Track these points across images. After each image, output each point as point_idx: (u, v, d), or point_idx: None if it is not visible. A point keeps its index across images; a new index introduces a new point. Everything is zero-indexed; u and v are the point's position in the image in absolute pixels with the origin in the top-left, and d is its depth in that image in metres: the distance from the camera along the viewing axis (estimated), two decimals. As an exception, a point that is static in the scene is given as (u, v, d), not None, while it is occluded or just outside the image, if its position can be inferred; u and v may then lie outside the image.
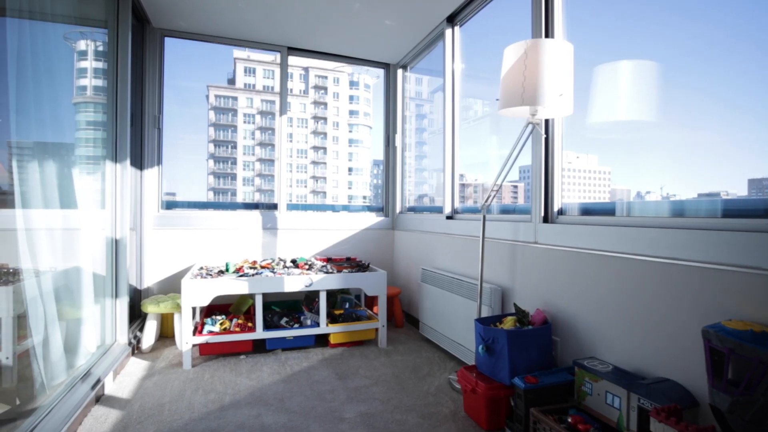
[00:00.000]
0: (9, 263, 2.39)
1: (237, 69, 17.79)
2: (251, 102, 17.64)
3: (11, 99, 1.91)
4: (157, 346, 2.78)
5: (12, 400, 2.04)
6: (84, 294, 2.38)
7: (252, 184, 19.32)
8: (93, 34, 2.69)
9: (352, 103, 22.28)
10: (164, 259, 3.16)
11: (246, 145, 18.49)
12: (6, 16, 1.92)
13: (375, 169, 24.47)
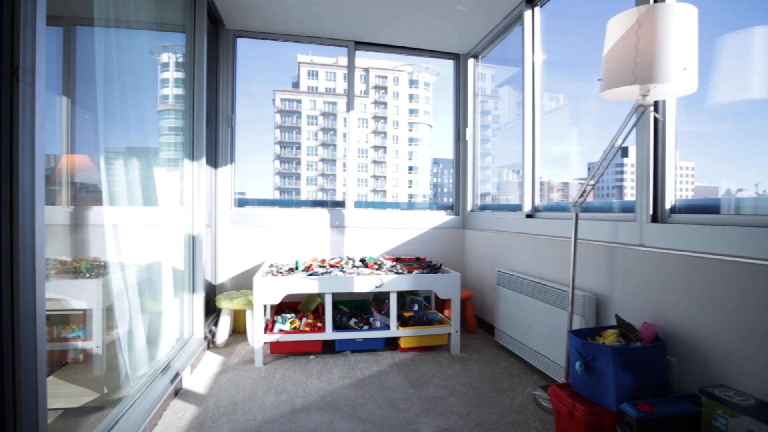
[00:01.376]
0: (99, 257, 2.52)
1: (301, 73, 18.37)
2: (314, 104, 18.15)
3: (99, 105, 1.97)
4: (230, 341, 2.83)
5: (101, 388, 2.13)
6: (164, 288, 2.46)
7: (315, 183, 19.90)
8: (173, 38, 2.78)
9: (412, 102, 22.22)
10: (237, 255, 3.22)
11: (309, 146, 19.10)
12: (94, 26, 1.99)
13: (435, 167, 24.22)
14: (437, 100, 18.93)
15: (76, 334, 2.24)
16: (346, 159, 3.59)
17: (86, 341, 2.18)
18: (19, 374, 0.97)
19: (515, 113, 3.64)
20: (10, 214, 0.95)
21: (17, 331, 0.96)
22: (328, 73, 19.28)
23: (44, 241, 1.01)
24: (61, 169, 2.59)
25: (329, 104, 18.04)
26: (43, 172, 1.02)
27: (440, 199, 5.53)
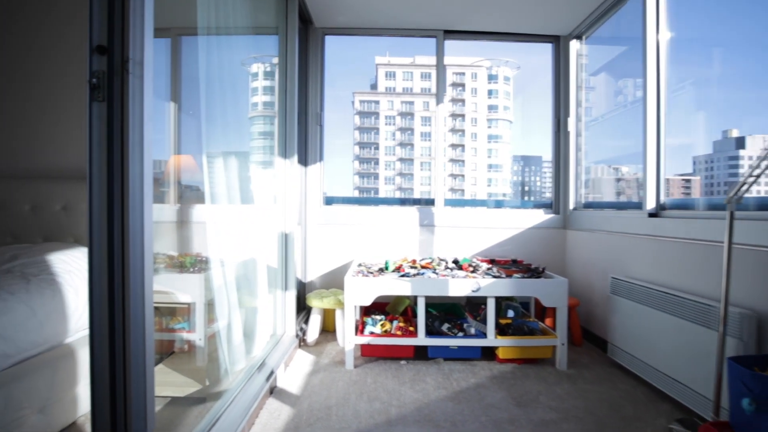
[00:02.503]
0: (201, 252, 2.64)
1: (379, 74, 18.55)
2: (392, 104, 18.23)
3: (202, 111, 2.02)
4: (320, 340, 2.81)
5: (203, 380, 2.21)
6: (259, 284, 2.49)
7: (393, 182, 19.98)
8: (267, 41, 2.84)
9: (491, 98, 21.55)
10: (325, 253, 3.22)
11: (387, 146, 19.25)
12: (197, 35, 2.04)
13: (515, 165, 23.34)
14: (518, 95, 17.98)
15: (181, 326, 2.34)
16: (433, 156, 3.42)
17: (190, 333, 2.26)
18: (129, 362, 0.96)
19: (613, 103, 3.21)
20: (122, 210, 0.92)
21: (128, 321, 0.94)
22: (405, 73, 19.30)
23: (152, 237, 0.98)
24: (169, 170, 2.75)
25: (406, 104, 18.01)
26: (151, 165, 0.99)
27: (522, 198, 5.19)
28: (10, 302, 1.65)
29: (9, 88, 2.77)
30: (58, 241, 2.53)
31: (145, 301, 0.96)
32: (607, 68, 3.29)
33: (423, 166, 15.54)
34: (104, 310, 0.94)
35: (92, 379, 0.98)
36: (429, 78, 18.64)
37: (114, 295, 0.93)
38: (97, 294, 0.94)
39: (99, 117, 0.94)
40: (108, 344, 0.96)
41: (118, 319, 0.95)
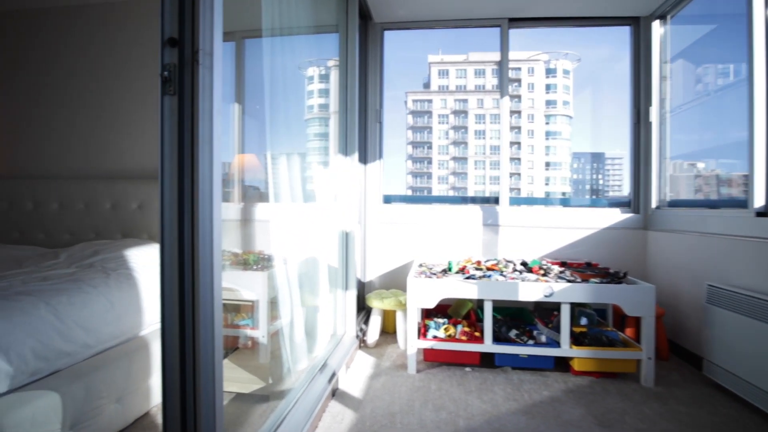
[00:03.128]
0: (263, 250, 2.66)
1: (431, 73, 18.40)
2: (445, 103, 18.04)
3: (266, 114, 2.02)
4: (380, 341, 2.74)
5: (266, 378, 2.22)
6: (320, 283, 2.47)
7: (446, 181, 19.75)
8: (327, 39, 2.83)
9: (549, 93, 20.57)
10: (385, 253, 3.15)
11: (440, 145, 19.09)
12: (263, 36, 2.03)
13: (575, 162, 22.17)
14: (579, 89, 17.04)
15: (245, 322, 2.37)
16: (499, 153, 3.25)
17: (254, 330, 2.28)
18: (199, 356, 0.93)
19: (703, 88, 2.85)
20: (192, 203, 0.89)
21: (197, 317, 0.92)
22: (458, 71, 19.02)
23: (221, 232, 0.94)
24: (233, 169, 2.81)
25: (460, 102, 17.74)
26: (220, 158, 0.95)
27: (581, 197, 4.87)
28: (92, 295, 1.73)
29: (92, 98, 2.97)
30: (134, 237, 2.67)
31: (214, 298, 0.93)
32: (695, 50, 2.94)
33: (477, 165, 15.14)
34: (175, 305, 0.92)
35: (163, 373, 0.97)
36: (483, 75, 18.19)
37: (184, 291, 0.91)
38: (168, 290, 0.92)
39: (170, 110, 0.91)
40: (178, 339, 0.94)
41: (188, 314, 0.92)
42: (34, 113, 3.07)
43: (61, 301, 1.60)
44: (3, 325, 1.37)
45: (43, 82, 3.05)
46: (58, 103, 3.03)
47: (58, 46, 3.02)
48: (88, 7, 2.98)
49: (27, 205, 2.83)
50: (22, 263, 2.19)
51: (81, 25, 2.99)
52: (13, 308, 1.44)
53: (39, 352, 1.45)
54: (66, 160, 3.01)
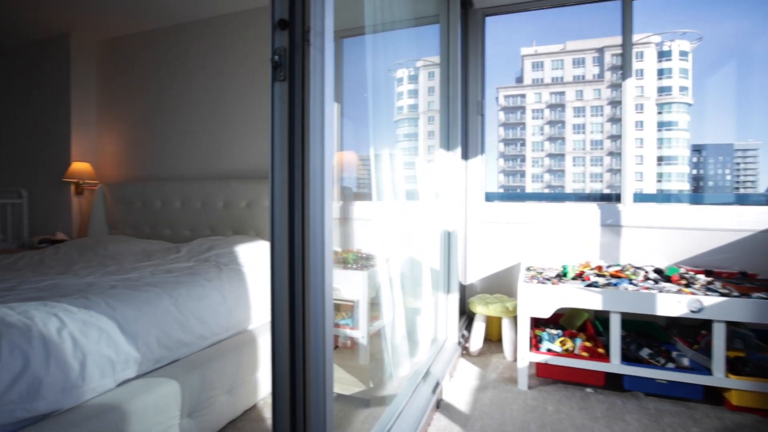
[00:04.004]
0: (361, 249, 2.62)
1: (525, 66, 17.37)
2: (539, 97, 16.91)
3: (369, 110, 1.96)
4: (483, 350, 2.54)
5: (366, 381, 2.16)
6: (421, 284, 2.35)
7: (540, 180, 18.58)
8: (426, 31, 2.73)
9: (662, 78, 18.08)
10: (487, 254, 2.93)
11: (534, 141, 17.97)
12: (365, 34, 1.97)
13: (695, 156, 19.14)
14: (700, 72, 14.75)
15: (345, 322, 2.33)
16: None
17: (353, 330, 2.24)
18: (309, 355, 0.85)
19: None
20: (302, 198, 0.81)
21: (308, 315, 0.85)
22: (554, 62, 17.80)
23: (332, 229, 0.85)
24: (333, 167, 2.82)
25: (556, 95, 16.54)
26: (332, 147, 0.86)
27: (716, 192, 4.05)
28: (207, 289, 1.81)
29: (208, 108, 3.21)
30: (243, 234, 2.81)
31: (325, 296, 0.85)
32: None
33: (576, 162, 13.86)
34: (284, 303, 0.86)
35: (273, 371, 0.92)
36: (582, 64, 16.59)
37: (294, 289, 0.84)
38: (278, 287, 0.86)
39: (280, 97, 0.85)
40: (288, 337, 0.87)
41: (298, 312, 0.86)
42: (159, 122, 3.41)
43: (181, 293, 1.68)
44: (133, 315, 1.46)
45: (167, 94, 3.37)
46: (180, 112, 3.33)
47: (176, 61, 3.32)
48: (201, 22, 3.23)
49: (156, 204, 3.14)
50: (151, 256, 2.40)
51: (198, 40, 3.25)
52: (141, 299, 1.54)
53: (162, 340, 1.53)
54: (187, 164, 3.30)
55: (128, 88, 3.57)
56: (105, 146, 3.68)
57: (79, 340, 1.27)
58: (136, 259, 2.37)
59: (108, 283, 1.70)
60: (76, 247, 2.61)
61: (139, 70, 3.51)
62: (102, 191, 3.37)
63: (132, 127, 3.55)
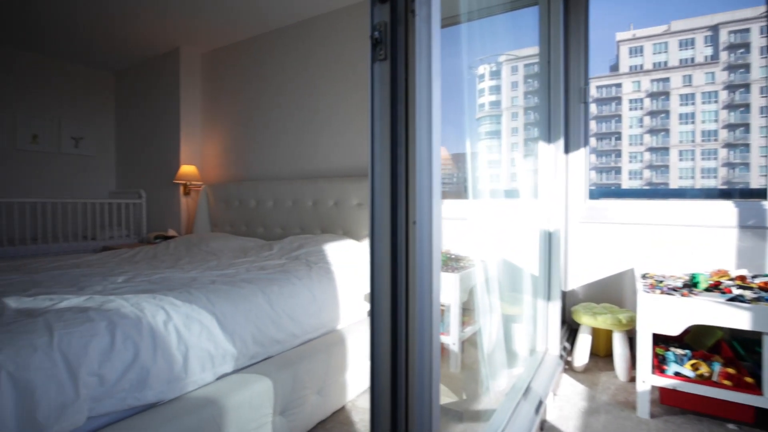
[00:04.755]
0: (449, 249, 2.48)
1: (620, 53, 15.66)
2: (638, 85, 15.12)
3: (465, 104, 1.83)
4: (589, 366, 2.26)
5: (459, 391, 2.01)
6: (518, 289, 2.16)
7: (639, 177, 16.65)
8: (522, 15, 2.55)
9: (805, 56, 15.16)
10: (591, 258, 2.62)
11: (631, 135, 16.09)
12: (460, 23, 1.84)
13: None
14: None
15: (433, 326, 2.21)
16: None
17: (444, 335, 2.11)
18: (414, 364, 0.74)
19: None
20: (407, 191, 0.71)
21: (412, 324, 0.74)
22: (655, 46, 15.92)
23: (441, 228, 0.74)
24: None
25: (658, 82, 14.69)
26: (439, 133, 0.75)
27: None
28: (298, 287, 1.80)
29: (297, 112, 3.29)
30: (331, 233, 2.82)
31: (432, 303, 0.74)
32: None
33: (683, 156, 12.04)
34: (386, 309, 0.76)
35: (372, 378, 0.82)
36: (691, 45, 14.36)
37: (396, 294, 0.74)
38: (379, 291, 0.76)
39: (381, 79, 0.75)
40: (390, 346, 0.77)
41: (401, 319, 0.76)
42: (254, 126, 3.58)
43: (274, 291, 1.70)
44: (230, 310, 1.49)
45: (261, 99, 3.53)
46: (272, 116, 3.46)
47: (269, 67, 3.45)
48: (291, 27, 3.32)
49: (251, 204, 3.30)
50: (247, 253, 2.50)
51: (289, 44, 3.35)
52: (237, 295, 1.57)
53: (257, 337, 1.54)
54: (278, 165, 3.42)
55: (227, 95, 3.81)
56: (208, 150, 3.97)
57: (182, 333, 1.31)
58: (234, 255, 2.48)
59: (209, 278, 1.77)
60: (184, 243, 2.82)
61: (237, 77, 3.73)
62: (205, 192, 3.64)
63: (230, 132, 3.79)
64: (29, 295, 1.42)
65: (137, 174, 4.36)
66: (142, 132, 4.28)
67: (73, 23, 3.33)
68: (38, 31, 3.52)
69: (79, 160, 4.36)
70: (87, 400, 1.06)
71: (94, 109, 4.45)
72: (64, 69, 4.22)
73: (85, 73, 4.38)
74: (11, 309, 1.24)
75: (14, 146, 3.91)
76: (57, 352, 1.04)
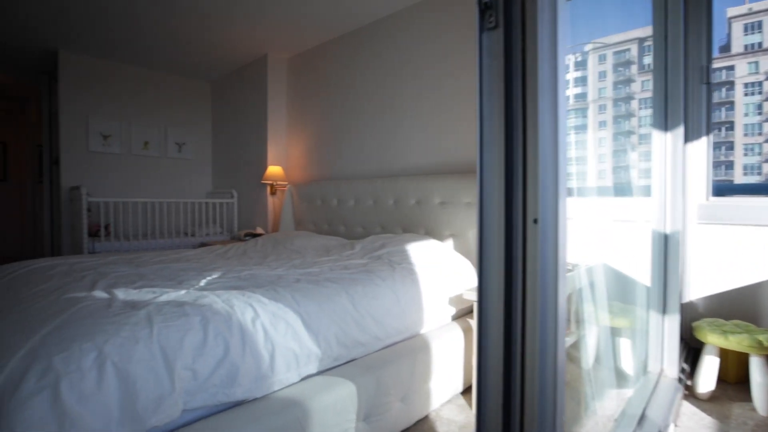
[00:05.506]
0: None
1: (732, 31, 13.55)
2: (755, 67, 12.95)
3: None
4: (716, 393, 1.92)
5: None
6: (627, 299, 1.90)
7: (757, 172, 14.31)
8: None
9: None
10: (714, 265, 2.24)
11: (747, 124, 13.84)
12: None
13: None
14: None
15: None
16: None
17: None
18: (534, 383, 0.62)
19: None
20: (524, 187, 0.59)
21: (529, 338, 0.61)
22: (777, 19, 13.65)
23: (566, 232, 0.61)
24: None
25: (780, 62, 12.45)
26: (566, 116, 0.61)
27: None
28: (381, 288, 1.74)
29: (376, 109, 3.26)
30: (412, 232, 2.74)
31: (558, 316, 0.61)
32: None
33: None
34: (497, 319, 0.64)
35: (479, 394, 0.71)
36: None
37: (511, 304, 0.62)
38: (490, 298, 0.65)
39: (490, 51, 0.64)
40: (503, 361, 0.65)
41: (515, 332, 0.63)
42: (335, 126, 3.62)
43: (357, 291, 1.65)
44: (314, 310, 1.46)
45: (342, 99, 3.56)
46: (353, 115, 3.47)
47: (350, 67, 3.46)
48: (370, 25, 3.29)
49: (332, 202, 3.34)
50: (329, 251, 2.51)
51: (370, 42, 3.33)
52: (322, 294, 1.54)
53: (340, 338, 1.50)
54: (359, 164, 3.42)
55: (310, 97, 3.91)
56: (293, 151, 4.11)
57: (269, 332, 1.30)
58: (317, 253, 2.50)
59: (294, 276, 1.78)
60: (270, 240, 2.92)
61: (319, 79, 3.80)
62: (290, 191, 3.76)
63: (314, 132, 3.88)
64: (135, 287, 1.52)
65: (230, 175, 4.66)
66: (234, 136, 4.57)
67: (176, 39, 3.63)
68: (146, 49, 3.89)
69: (181, 163, 4.77)
70: (181, 394, 1.07)
71: (194, 116, 4.85)
72: (168, 81, 4.64)
73: (186, 84, 4.78)
74: (119, 300, 1.32)
75: (130, 152, 4.38)
76: (156, 344, 1.07)
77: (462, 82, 2.73)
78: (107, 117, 4.22)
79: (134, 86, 4.40)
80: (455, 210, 2.52)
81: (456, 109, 2.77)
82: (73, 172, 4.01)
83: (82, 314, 1.16)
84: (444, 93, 2.84)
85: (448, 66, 2.81)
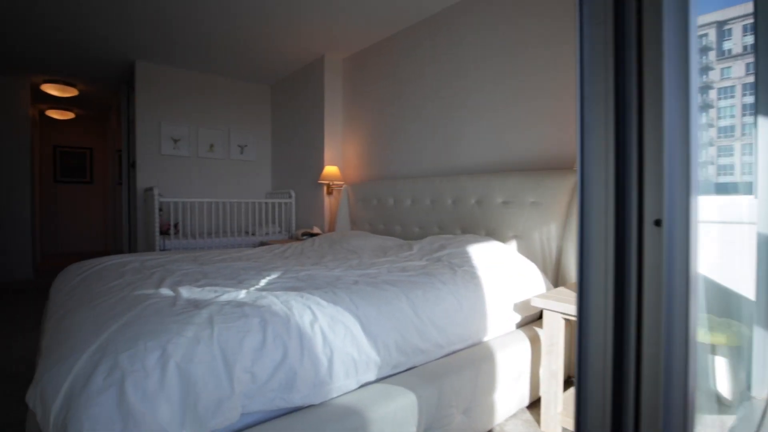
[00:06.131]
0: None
1: None
2: None
3: None
4: (841, 427, 1.62)
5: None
6: (720, 311, 1.67)
7: None
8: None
9: None
10: (836, 276, 1.90)
11: None
12: None
13: None
14: None
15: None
16: None
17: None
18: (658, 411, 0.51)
19: None
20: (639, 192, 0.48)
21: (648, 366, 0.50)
22: None
23: (698, 241, 0.48)
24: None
25: None
26: (697, 113, 0.49)
27: None
28: (443, 292, 1.65)
29: (436, 104, 3.15)
30: (472, 233, 2.61)
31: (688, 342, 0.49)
32: None
33: None
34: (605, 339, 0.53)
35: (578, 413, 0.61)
36: None
37: (623, 326, 0.51)
38: (593, 314, 0.54)
39: (592, 50, 0.52)
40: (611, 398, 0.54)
41: (628, 357, 0.52)
42: (392, 124, 3.56)
43: (418, 296, 1.57)
44: (374, 314, 1.40)
45: (399, 97, 3.49)
46: (410, 113, 3.39)
47: (407, 65, 3.38)
48: (426, 21, 3.18)
49: (389, 202, 3.28)
50: (386, 252, 2.45)
51: (428, 38, 3.23)
52: (381, 298, 1.48)
53: (400, 345, 1.43)
54: (417, 162, 3.34)
55: (366, 96, 3.88)
56: (348, 150, 4.11)
57: (327, 336, 1.25)
58: (374, 254, 2.44)
59: (351, 277, 1.73)
60: (327, 240, 2.92)
61: (375, 78, 3.76)
62: (346, 191, 3.76)
63: (369, 132, 3.85)
64: (199, 285, 1.54)
65: (288, 175, 4.76)
66: (292, 137, 4.66)
67: (239, 46, 3.76)
68: (212, 56, 4.07)
69: (244, 164, 4.95)
70: (240, 397, 1.05)
71: (255, 119, 5.02)
72: (231, 86, 4.83)
73: (248, 88, 4.96)
74: (183, 298, 1.33)
75: (197, 155, 4.61)
76: (216, 345, 1.06)
77: (526, 76, 2.56)
78: (177, 122, 4.47)
79: (200, 92, 4.62)
80: (519, 210, 2.36)
81: (520, 104, 2.60)
82: (147, 174, 4.29)
83: (148, 312, 1.18)
84: (506, 86, 2.68)
85: (513, 59, 2.65)
